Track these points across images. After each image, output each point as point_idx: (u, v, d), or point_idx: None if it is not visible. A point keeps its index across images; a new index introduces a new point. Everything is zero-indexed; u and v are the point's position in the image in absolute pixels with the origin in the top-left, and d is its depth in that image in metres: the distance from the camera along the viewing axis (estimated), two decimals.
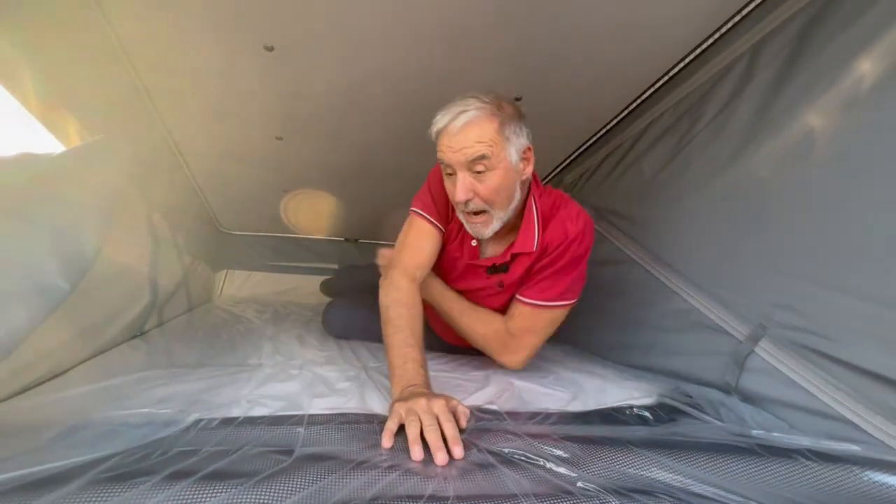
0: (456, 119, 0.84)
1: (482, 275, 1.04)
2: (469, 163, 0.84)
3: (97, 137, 0.92)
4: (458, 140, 0.83)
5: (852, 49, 0.81)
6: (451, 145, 0.84)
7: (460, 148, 0.83)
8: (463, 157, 0.83)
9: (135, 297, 1.20)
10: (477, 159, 0.83)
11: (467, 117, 0.83)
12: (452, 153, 0.84)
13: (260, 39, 1.05)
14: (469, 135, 0.83)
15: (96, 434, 0.56)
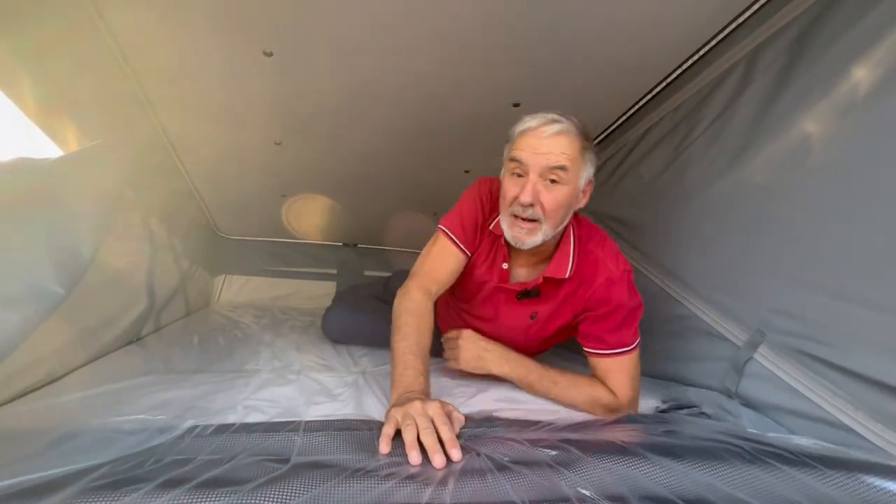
0: (549, 125, 0.84)
1: (511, 301, 1.00)
2: (548, 169, 0.84)
3: (95, 142, 0.92)
4: (546, 144, 0.84)
5: (849, 55, 0.82)
6: (535, 147, 0.84)
7: (546, 152, 0.84)
8: (545, 161, 0.84)
9: (131, 302, 1.20)
10: (557, 168, 0.84)
11: (561, 127, 0.84)
12: (535, 155, 0.84)
13: (259, 45, 1.06)
14: (558, 143, 0.84)
15: (90, 441, 0.55)
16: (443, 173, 1.72)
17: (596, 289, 0.92)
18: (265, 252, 2.29)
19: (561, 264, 0.94)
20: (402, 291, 0.95)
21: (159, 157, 1.41)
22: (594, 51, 1.08)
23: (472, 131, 1.44)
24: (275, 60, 1.10)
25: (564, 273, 0.93)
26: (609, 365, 0.92)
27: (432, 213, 2.08)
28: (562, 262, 0.94)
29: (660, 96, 1.26)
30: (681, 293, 1.17)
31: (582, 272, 0.94)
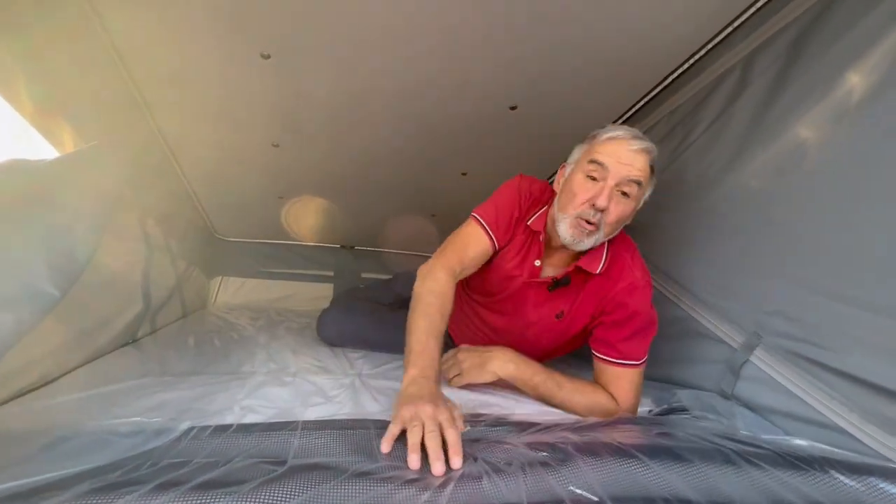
0: (636, 140, 0.88)
1: (540, 298, 1.01)
2: (626, 180, 0.86)
3: (91, 143, 0.91)
4: (631, 157, 0.87)
5: (845, 59, 0.82)
6: (620, 156, 0.87)
7: (629, 163, 0.86)
8: (626, 172, 0.86)
9: (127, 303, 1.19)
10: (633, 181, 0.87)
11: (645, 145, 0.88)
12: (619, 163, 0.86)
13: (257, 47, 1.06)
14: (641, 159, 0.87)
15: (85, 444, 0.55)
16: (440, 176, 1.72)
17: (618, 291, 0.94)
18: (262, 254, 2.28)
19: (594, 259, 0.95)
20: (426, 270, 0.95)
21: (156, 159, 1.40)
22: (591, 54, 1.08)
23: (469, 134, 1.44)
24: (272, 63, 1.10)
25: (596, 268, 0.95)
26: (616, 373, 0.93)
27: (430, 216, 2.08)
28: (595, 258, 0.95)
29: (656, 99, 1.27)
30: (677, 295, 1.17)
31: (609, 272, 0.96)
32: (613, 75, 1.17)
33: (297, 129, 1.40)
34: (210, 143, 1.46)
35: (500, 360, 0.94)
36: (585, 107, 1.31)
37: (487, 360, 0.94)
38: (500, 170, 1.69)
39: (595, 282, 0.97)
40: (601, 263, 0.95)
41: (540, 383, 0.91)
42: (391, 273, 2.42)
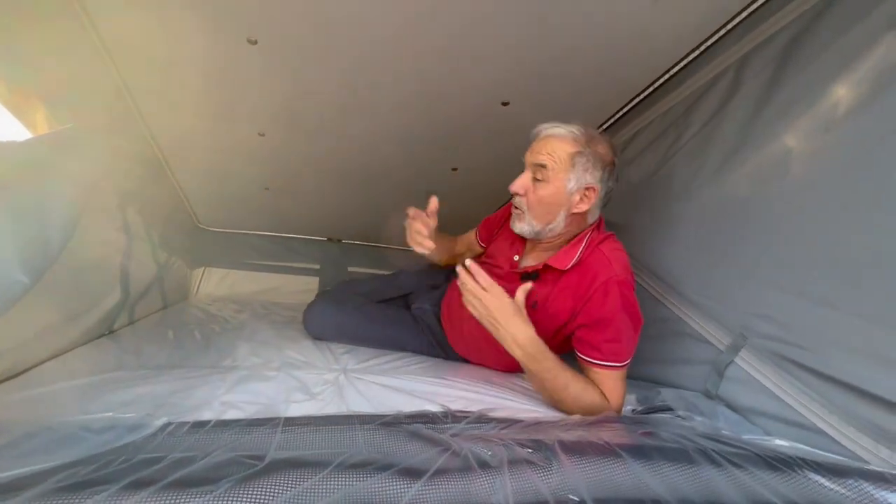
0: (546, 129, 1.01)
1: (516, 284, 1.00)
2: (532, 165, 1.01)
3: (67, 125, 0.87)
4: (539, 146, 1.01)
5: (836, 66, 0.83)
6: (532, 146, 1.02)
7: (537, 151, 1.00)
8: (532, 158, 1.01)
9: (104, 293, 1.15)
10: (538, 165, 0.99)
11: (554, 131, 1.00)
12: (530, 154, 1.02)
13: (243, 32, 1.02)
14: (546, 144, 0.99)
15: (53, 440, 0.52)
16: (430, 170, 1.71)
17: (597, 287, 0.93)
18: (246, 245, 2.24)
19: (564, 257, 1.00)
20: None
21: (138, 146, 1.36)
22: (585, 52, 1.08)
23: (461, 129, 1.42)
24: (259, 48, 1.07)
25: (564, 265, 0.98)
26: (600, 374, 0.92)
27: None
28: (565, 256, 1.00)
29: (648, 100, 1.27)
30: (663, 295, 1.18)
31: (585, 268, 0.97)
32: (607, 73, 1.16)
33: (284, 118, 1.36)
34: (194, 131, 1.42)
35: (522, 329, 0.89)
36: (578, 105, 1.31)
37: (511, 318, 0.89)
38: (490, 166, 1.69)
39: (570, 277, 0.98)
40: (571, 261, 0.99)
41: (552, 366, 0.88)
42: (378, 267, 2.40)
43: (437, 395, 0.87)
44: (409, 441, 0.61)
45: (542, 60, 1.10)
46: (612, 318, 0.93)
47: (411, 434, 0.64)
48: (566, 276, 0.99)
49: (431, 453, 0.58)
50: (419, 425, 0.66)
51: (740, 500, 0.52)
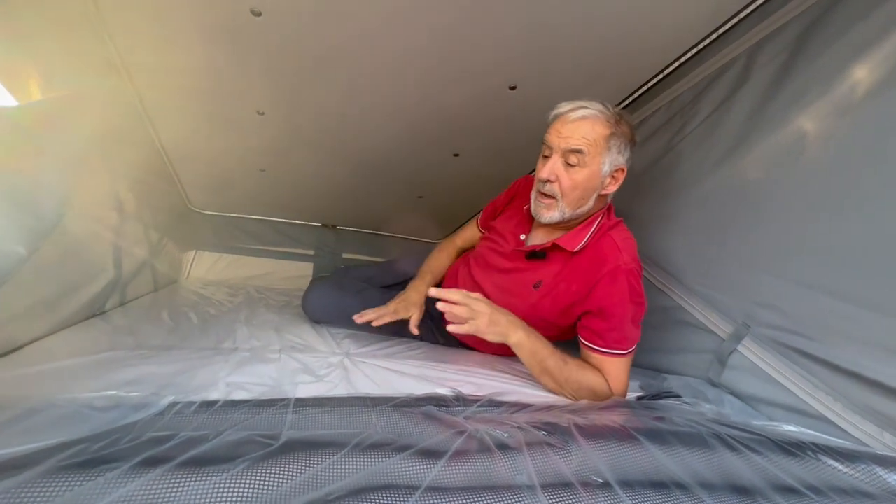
0: (575, 111, 0.93)
1: (521, 262, 1.06)
2: (566, 151, 0.93)
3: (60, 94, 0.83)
4: (568, 128, 0.93)
5: (849, 55, 0.83)
6: (559, 130, 0.94)
7: (566, 135, 0.93)
8: (564, 143, 0.93)
9: (96, 272, 1.11)
10: (574, 151, 0.92)
11: (585, 113, 0.93)
12: (558, 137, 0.94)
13: (247, 2, 0.98)
14: (579, 128, 0.92)
15: (57, 417, 0.50)
16: (431, 156, 1.68)
17: (604, 274, 0.92)
18: (239, 229, 2.19)
19: (574, 238, 0.98)
20: (444, 240, 1.41)
21: (131, 122, 1.30)
22: (592, 38, 1.06)
23: (465, 113, 1.40)
24: (263, 20, 1.02)
25: (574, 247, 0.97)
26: (604, 360, 0.92)
27: (417, 197, 2.03)
28: (576, 237, 0.98)
29: (655, 88, 1.26)
30: (666, 284, 1.18)
31: (594, 252, 0.96)
32: (616, 59, 1.15)
33: (286, 95, 1.32)
34: (189, 108, 1.37)
35: (513, 325, 0.91)
36: (586, 90, 1.28)
37: (500, 323, 0.90)
38: (492, 152, 1.67)
39: (578, 260, 0.97)
40: (581, 243, 0.97)
41: (548, 355, 0.90)
42: (373, 255, 2.38)
43: (445, 379, 0.86)
44: (423, 423, 0.60)
45: (550, 46, 1.08)
46: (618, 307, 0.92)
47: (425, 416, 0.63)
48: (574, 257, 0.97)
49: (448, 435, 0.57)
50: (431, 407, 0.65)
51: (761, 484, 0.52)
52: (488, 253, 1.16)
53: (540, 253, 1.02)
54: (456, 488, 0.46)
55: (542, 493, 0.46)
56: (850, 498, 0.52)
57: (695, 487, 0.51)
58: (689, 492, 0.50)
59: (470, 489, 0.46)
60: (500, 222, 1.20)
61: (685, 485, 0.51)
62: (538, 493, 0.46)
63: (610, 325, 0.92)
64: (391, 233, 2.45)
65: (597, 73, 1.20)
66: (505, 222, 1.18)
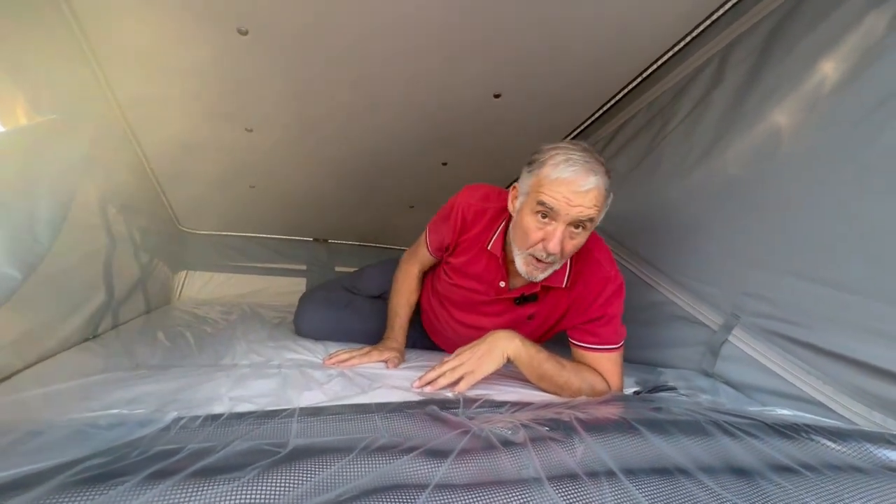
0: (586, 178, 0.81)
1: (509, 307, 1.02)
2: (577, 220, 0.83)
3: (50, 118, 0.83)
4: (580, 198, 0.81)
5: (815, 52, 0.87)
6: (569, 199, 0.82)
7: (578, 205, 0.82)
8: (577, 214, 0.82)
9: (88, 295, 1.10)
10: (586, 220, 0.83)
11: (597, 182, 0.82)
12: (569, 206, 0.82)
13: (233, 21, 1.00)
14: (591, 197, 0.82)
15: (62, 437, 0.50)
16: (420, 165, 1.70)
17: (595, 292, 0.94)
18: (230, 247, 2.18)
19: (558, 275, 0.94)
20: (406, 265, 1.23)
21: (118, 143, 1.31)
22: (574, 46, 1.10)
23: (452, 122, 1.43)
24: (250, 39, 1.04)
25: (561, 283, 0.95)
26: (597, 357, 0.94)
27: (408, 207, 2.05)
28: (559, 274, 0.94)
29: (635, 91, 1.30)
30: (656, 280, 1.21)
31: (578, 276, 0.96)
32: (597, 65, 1.19)
33: (273, 112, 1.34)
34: (177, 127, 1.37)
35: (504, 339, 0.88)
36: (568, 97, 1.33)
37: (493, 345, 0.87)
38: (480, 160, 1.69)
39: (570, 291, 0.98)
40: (565, 277, 0.95)
41: (544, 360, 0.89)
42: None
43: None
44: (428, 424, 0.61)
45: (533, 54, 1.12)
46: (610, 307, 0.95)
47: (429, 417, 0.63)
48: (563, 290, 0.97)
49: (453, 434, 0.57)
50: (434, 408, 0.66)
51: (759, 466, 0.54)
52: (469, 302, 1.09)
53: (531, 297, 0.99)
54: (464, 485, 0.47)
55: (550, 485, 0.47)
56: (845, 474, 0.54)
57: (696, 472, 0.52)
58: (691, 476, 0.51)
59: (478, 485, 0.47)
60: (462, 262, 1.06)
61: (687, 470, 0.52)
62: (545, 486, 0.47)
63: (602, 323, 0.94)
64: (383, 244, 2.46)
65: (576, 79, 1.24)
66: (470, 264, 1.04)
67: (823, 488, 0.50)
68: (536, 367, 0.89)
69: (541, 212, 0.84)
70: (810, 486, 0.51)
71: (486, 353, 0.86)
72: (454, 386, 0.82)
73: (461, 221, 1.03)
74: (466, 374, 0.83)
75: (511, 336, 0.89)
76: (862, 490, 0.51)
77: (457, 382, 0.82)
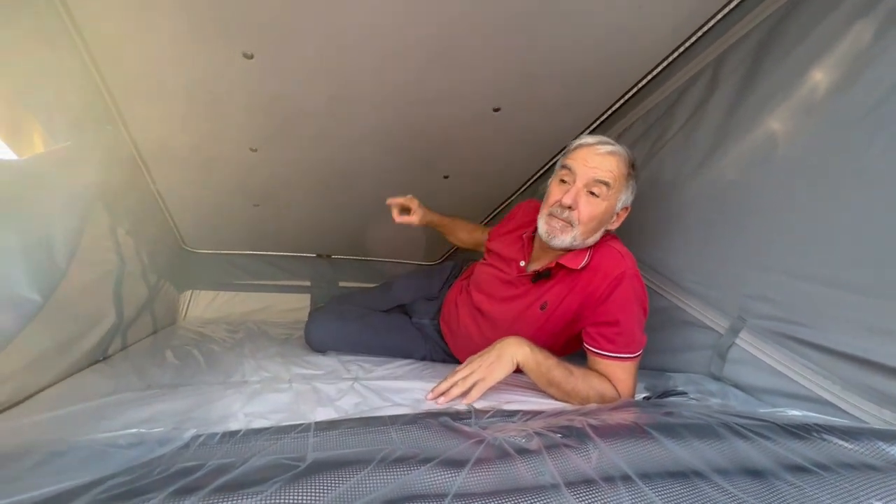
0: (605, 145, 0.96)
1: (526, 286, 1.08)
2: (593, 181, 0.95)
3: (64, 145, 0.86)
4: (597, 160, 0.95)
5: (806, 59, 0.89)
6: (587, 160, 0.96)
7: (595, 166, 0.95)
8: (592, 174, 0.95)
9: (99, 317, 1.12)
10: (601, 182, 0.95)
11: (614, 149, 0.96)
12: (585, 167, 0.95)
13: (239, 46, 1.03)
14: (608, 162, 0.95)
15: (84, 457, 0.50)
16: (423, 179, 1.73)
17: (612, 282, 0.95)
18: (234, 266, 2.20)
19: (577, 257, 1.00)
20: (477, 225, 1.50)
21: (125, 165, 1.33)
22: (571, 59, 1.12)
23: (453, 136, 1.45)
24: (255, 63, 1.07)
25: (578, 264, 0.98)
26: (612, 365, 0.93)
27: None
28: (577, 256, 1.00)
29: (632, 101, 1.32)
30: (662, 286, 1.22)
31: (598, 264, 0.98)
32: (594, 77, 1.21)
33: (277, 131, 1.37)
34: (183, 148, 1.40)
35: (513, 346, 0.89)
36: (566, 109, 1.36)
37: (502, 351, 0.88)
38: (482, 173, 1.72)
39: (582, 275, 0.99)
40: (583, 261, 0.99)
41: (553, 366, 0.89)
42: (370, 281, 2.38)
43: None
44: (443, 435, 0.62)
45: (532, 68, 1.15)
46: (626, 311, 0.94)
47: (444, 428, 0.64)
48: (580, 274, 0.99)
49: (467, 444, 0.58)
50: (448, 419, 0.66)
51: (772, 466, 0.54)
52: (491, 280, 1.17)
53: (545, 273, 1.03)
54: (483, 493, 0.47)
55: (567, 491, 0.47)
56: (858, 472, 0.54)
57: (711, 474, 0.53)
58: (706, 479, 0.51)
59: (497, 493, 0.47)
60: (501, 247, 1.20)
61: (702, 472, 0.53)
62: (563, 491, 0.47)
63: (619, 329, 0.94)
64: (387, 258, 2.47)
65: (574, 91, 1.27)
66: (505, 248, 1.18)
67: (839, 487, 0.51)
68: (545, 372, 0.89)
69: (564, 177, 0.99)
70: (825, 486, 0.51)
71: (496, 360, 0.87)
72: (465, 397, 0.83)
73: (515, 214, 1.27)
74: (478, 382, 0.84)
75: (520, 342, 0.90)
76: (877, 488, 0.51)
77: (468, 392, 0.83)
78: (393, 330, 1.32)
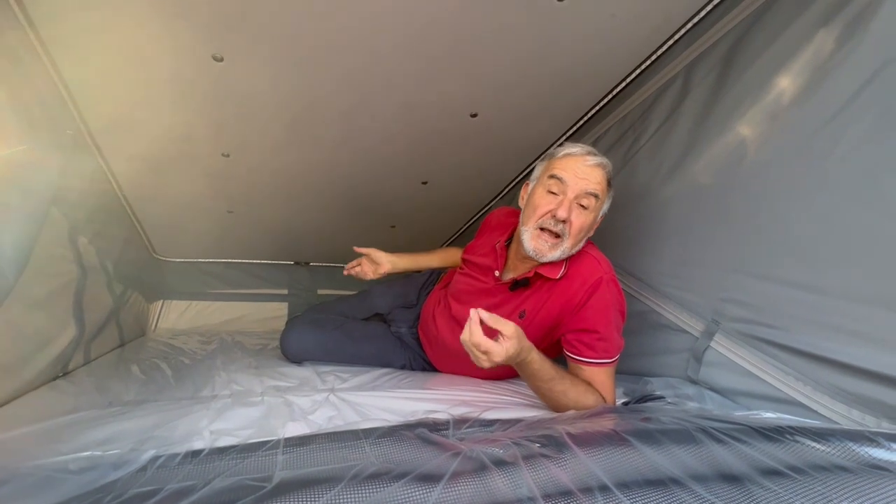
0: (592, 156, 0.97)
1: (504, 298, 1.06)
2: (584, 193, 0.95)
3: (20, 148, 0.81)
4: (587, 172, 0.95)
5: (772, 68, 0.92)
6: (577, 170, 0.95)
7: (586, 177, 0.95)
8: (584, 185, 0.94)
9: (57, 331, 1.06)
10: (591, 194, 0.95)
11: (601, 161, 0.97)
12: (576, 178, 0.95)
13: (209, 49, 1.00)
14: (596, 174, 0.96)
15: (29, 485, 0.47)
16: (401, 186, 1.71)
17: (589, 289, 0.95)
18: (208, 274, 2.13)
19: (554, 267, 0.99)
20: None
21: (88, 170, 1.27)
22: (546, 65, 1.13)
23: (430, 142, 1.44)
24: (224, 66, 1.04)
25: (556, 274, 0.98)
26: (592, 371, 0.93)
27: (389, 227, 2.05)
28: (555, 266, 0.99)
29: (607, 107, 1.34)
30: (638, 290, 1.23)
31: (576, 271, 0.98)
32: (569, 84, 1.22)
33: (250, 136, 1.33)
34: (151, 154, 1.35)
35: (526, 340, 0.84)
36: (542, 115, 1.36)
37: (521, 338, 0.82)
38: (460, 178, 1.71)
39: (562, 284, 0.99)
40: (561, 270, 0.99)
41: (547, 367, 0.87)
42: (349, 289, 2.34)
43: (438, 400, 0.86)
44: (418, 448, 0.60)
45: (508, 74, 1.15)
46: (605, 317, 0.95)
47: (420, 441, 0.62)
48: (558, 283, 0.99)
49: (444, 458, 0.56)
50: (424, 430, 0.65)
51: (748, 471, 0.54)
52: (469, 290, 1.16)
53: (523, 281, 1.02)
54: None
55: None
56: (830, 474, 0.55)
57: (688, 481, 0.52)
58: (683, 486, 0.51)
59: None
60: (476, 256, 1.19)
61: (679, 480, 0.52)
62: None
63: (599, 335, 0.94)
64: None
65: (550, 98, 1.28)
66: (480, 257, 1.17)
67: (812, 489, 0.51)
68: (537, 370, 0.86)
69: (551, 188, 0.96)
70: (799, 489, 0.51)
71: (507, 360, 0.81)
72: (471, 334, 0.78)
73: (485, 225, 1.26)
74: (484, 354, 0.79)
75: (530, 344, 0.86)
76: (848, 489, 0.52)
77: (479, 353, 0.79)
78: (371, 338, 1.29)
